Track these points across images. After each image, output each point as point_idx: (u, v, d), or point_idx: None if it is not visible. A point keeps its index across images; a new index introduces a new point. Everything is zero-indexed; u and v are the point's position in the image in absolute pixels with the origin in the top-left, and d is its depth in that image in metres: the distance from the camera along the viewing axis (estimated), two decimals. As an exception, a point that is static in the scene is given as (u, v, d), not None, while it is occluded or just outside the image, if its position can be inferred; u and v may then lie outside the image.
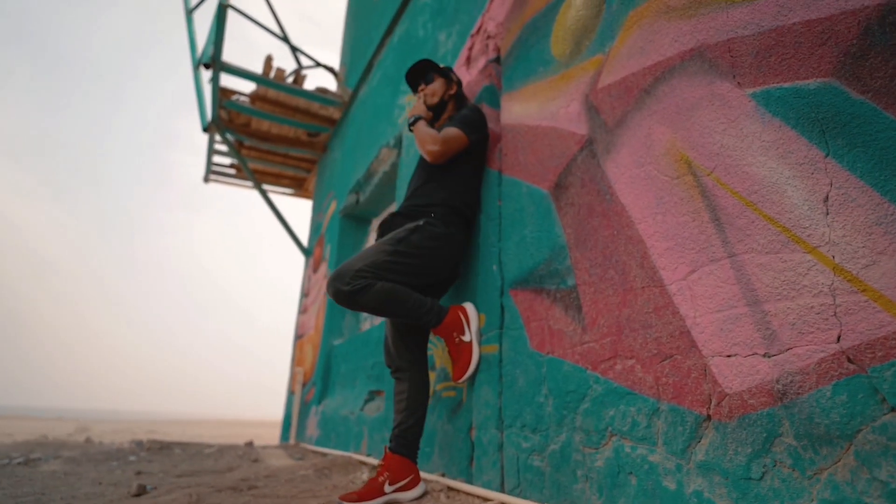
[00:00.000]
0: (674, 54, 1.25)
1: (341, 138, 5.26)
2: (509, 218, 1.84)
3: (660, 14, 1.32)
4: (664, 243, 1.19)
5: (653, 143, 1.27)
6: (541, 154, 1.73)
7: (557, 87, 1.71)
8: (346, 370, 3.83)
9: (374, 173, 4.00)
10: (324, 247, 5.11)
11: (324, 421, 3.87)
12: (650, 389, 1.15)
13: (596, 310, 1.35)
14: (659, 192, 1.22)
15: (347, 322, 4.43)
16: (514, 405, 1.62)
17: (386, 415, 2.68)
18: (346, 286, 1.68)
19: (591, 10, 1.60)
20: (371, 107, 4.27)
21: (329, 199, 5.31)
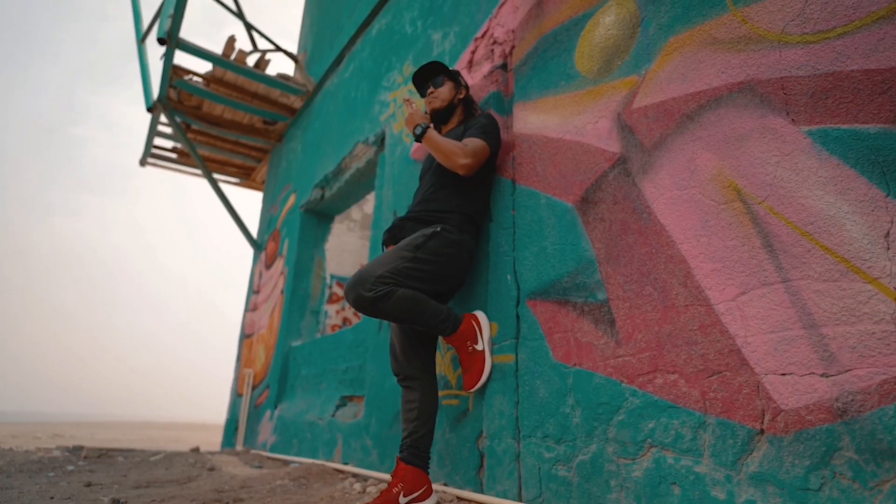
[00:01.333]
0: (721, 85, 1.34)
1: (302, 129, 5.10)
2: (525, 228, 1.88)
3: (704, 44, 1.41)
4: (710, 265, 1.27)
5: (697, 168, 1.35)
6: (563, 167, 1.78)
7: (583, 103, 1.77)
8: (308, 373, 3.74)
9: (345, 169, 3.93)
10: (280, 242, 4.94)
11: (282, 426, 3.75)
12: (696, 403, 1.23)
13: (632, 325, 1.42)
14: (704, 216, 1.31)
15: (307, 323, 4.32)
16: (533, 415, 1.66)
17: (367, 421, 2.65)
18: (368, 292, 1.65)
19: (624, 30, 1.68)
20: (343, 99, 4.19)
21: (286, 191, 5.15)
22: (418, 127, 1.92)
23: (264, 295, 4.99)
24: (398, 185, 2.93)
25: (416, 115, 1.96)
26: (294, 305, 4.33)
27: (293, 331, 4.28)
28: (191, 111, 5.31)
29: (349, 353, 3.19)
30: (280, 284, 4.59)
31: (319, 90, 4.89)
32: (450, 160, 1.86)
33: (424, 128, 1.91)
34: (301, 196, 4.65)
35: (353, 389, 3.04)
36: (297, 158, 5.09)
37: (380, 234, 3.13)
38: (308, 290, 4.43)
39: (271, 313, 4.65)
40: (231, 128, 5.57)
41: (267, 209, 5.70)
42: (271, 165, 6.03)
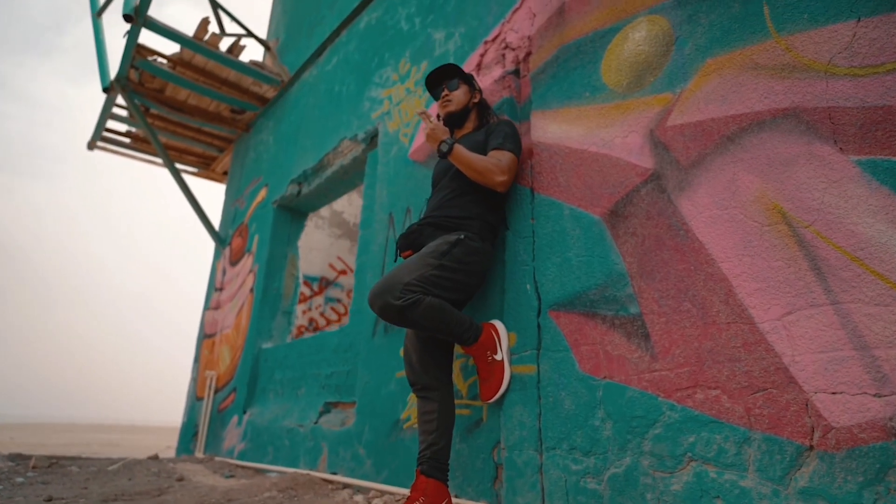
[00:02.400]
0: (764, 109, 1.40)
1: (275, 120, 4.95)
2: (546, 238, 1.90)
3: (745, 68, 1.47)
4: (753, 284, 1.33)
5: (739, 189, 1.41)
6: (589, 179, 1.81)
7: (611, 116, 1.81)
8: (284, 377, 3.63)
9: (327, 165, 3.84)
10: (247, 237, 4.77)
11: (254, 432, 3.62)
12: (740, 419, 1.28)
13: (669, 340, 1.46)
14: (746, 236, 1.37)
15: (278, 324, 4.20)
16: (558, 427, 1.68)
17: (359, 429, 2.60)
18: (396, 300, 1.62)
19: (656, 47, 1.73)
20: (325, 93, 4.09)
21: (255, 185, 4.98)
22: (444, 143, 1.89)
23: (229, 293, 4.80)
24: (394, 185, 2.89)
25: (439, 130, 1.93)
26: (265, 305, 4.19)
27: (264, 332, 4.14)
28: (152, 94, 5.04)
29: (334, 357, 3.12)
30: (249, 282, 4.43)
31: (296, 81, 4.75)
32: (485, 177, 1.85)
33: (451, 144, 1.88)
34: (274, 191, 4.51)
35: (340, 395, 2.98)
36: (268, 151, 4.92)
37: (370, 235, 3.08)
38: (280, 289, 4.30)
39: (238, 312, 4.48)
40: (195, 114, 5.32)
41: (231, 202, 5.49)
42: (236, 156, 5.81)
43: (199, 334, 5.22)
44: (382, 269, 2.79)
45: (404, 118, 2.97)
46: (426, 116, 1.97)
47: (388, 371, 2.53)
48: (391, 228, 2.81)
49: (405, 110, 2.97)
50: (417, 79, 2.95)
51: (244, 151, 5.56)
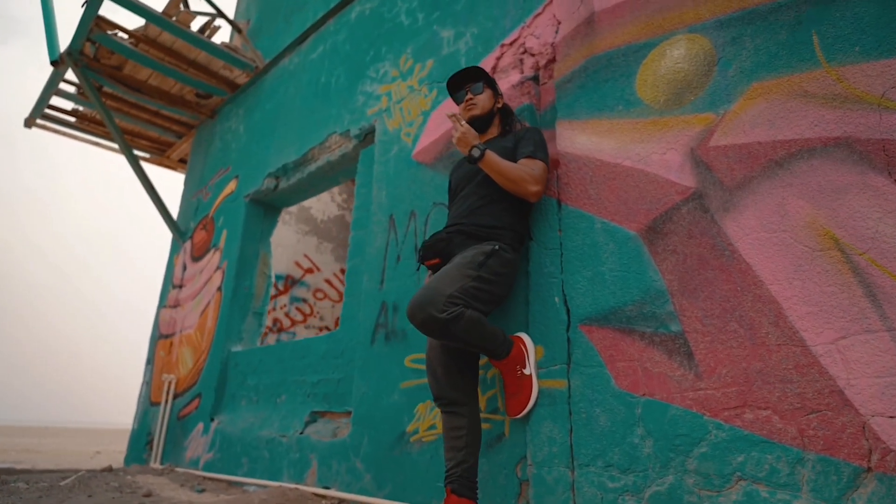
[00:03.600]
0: (814, 137, 1.48)
1: (247, 108, 4.76)
2: (575, 251, 1.92)
3: (794, 95, 1.54)
4: (805, 308, 1.39)
5: (788, 213, 1.47)
6: (623, 193, 1.85)
7: (647, 131, 1.85)
8: (259, 383, 3.50)
9: (311, 160, 3.73)
10: (213, 232, 4.56)
11: (225, 442, 3.47)
12: (793, 440, 1.34)
13: (715, 359, 1.51)
14: (797, 260, 1.43)
15: (249, 325, 4.05)
16: (592, 444, 1.70)
17: (356, 441, 2.54)
18: (441, 313, 1.59)
19: (697, 66, 1.78)
20: (308, 83, 3.97)
21: (221, 175, 4.77)
22: (475, 149, 1.87)
23: (190, 290, 4.57)
24: (395, 186, 2.85)
25: (470, 135, 1.90)
26: (235, 305, 4.02)
27: (233, 334, 3.97)
28: (108, 71, 4.73)
29: (322, 364, 3.03)
30: (216, 280, 4.23)
31: (272, 68, 4.59)
32: (519, 186, 1.84)
33: (483, 150, 1.86)
34: (245, 183, 4.33)
35: (329, 405, 2.90)
36: (238, 140, 4.73)
37: (364, 237, 3.02)
38: (252, 288, 4.14)
39: (202, 312, 4.28)
40: (155, 96, 5.03)
41: (192, 193, 5.23)
42: (198, 143, 5.54)
43: (153, 334, 4.95)
44: (383, 273, 2.73)
45: (407, 117, 2.92)
46: (457, 119, 1.94)
47: (390, 381, 2.48)
48: (392, 231, 2.76)
49: (408, 109, 2.93)
50: (422, 76, 2.92)
51: (208, 139, 5.32)
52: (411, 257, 2.61)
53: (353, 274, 3.04)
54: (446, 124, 2.67)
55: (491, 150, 1.96)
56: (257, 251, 4.24)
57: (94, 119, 5.60)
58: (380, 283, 2.73)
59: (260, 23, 5.19)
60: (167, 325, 4.76)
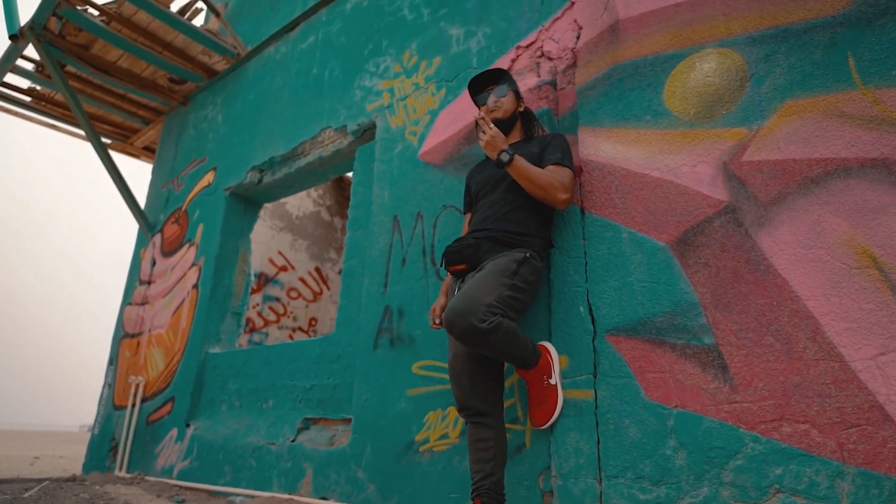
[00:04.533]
0: (851, 157, 1.54)
1: (227, 97, 4.61)
2: (601, 260, 1.95)
3: (830, 115, 1.60)
4: (843, 324, 1.45)
5: (824, 231, 1.53)
6: (651, 204, 1.88)
7: (676, 143, 1.89)
8: (242, 388, 3.40)
9: (301, 154, 3.64)
10: (187, 226, 4.40)
11: (204, 449, 3.35)
12: (833, 453, 1.40)
13: (751, 373, 1.56)
14: (834, 277, 1.49)
15: (227, 326, 3.93)
16: (622, 455, 1.73)
17: (357, 450, 2.50)
18: (481, 323, 1.58)
19: (728, 81, 1.83)
20: (300, 74, 3.88)
21: (197, 166, 4.62)
22: (504, 153, 1.86)
23: (161, 287, 4.39)
24: (399, 186, 2.81)
25: (499, 139, 1.89)
26: (213, 305, 3.89)
27: (211, 334, 3.84)
28: (74, 49, 4.49)
29: (316, 368, 2.96)
30: (191, 277, 4.08)
31: (256, 56, 4.46)
32: (548, 194, 1.84)
33: (512, 155, 1.86)
34: (225, 176, 4.19)
35: (324, 411, 2.84)
36: (215, 130, 4.57)
37: (362, 237, 2.98)
38: (231, 286, 4.01)
39: (175, 311, 4.12)
40: (124, 79, 4.81)
41: (162, 183, 5.02)
42: (168, 131, 5.33)
43: (116, 333, 4.73)
44: (386, 275, 2.70)
45: (412, 115, 2.89)
46: (485, 122, 1.93)
47: (396, 388, 2.45)
48: (397, 232, 2.73)
49: (414, 106, 2.90)
50: (429, 74, 2.89)
51: (180, 127, 5.12)
52: (418, 261, 2.58)
53: (351, 275, 2.99)
54: (456, 124, 2.66)
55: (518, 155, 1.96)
56: (237, 248, 4.12)
57: (52, 100, 5.31)
58: (383, 287, 2.70)
59: (240, 7, 5.03)
60: (133, 324, 4.56)
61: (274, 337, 5.62)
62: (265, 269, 5.66)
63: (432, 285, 2.48)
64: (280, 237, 5.91)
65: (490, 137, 1.90)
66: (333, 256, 6.54)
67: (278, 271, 5.80)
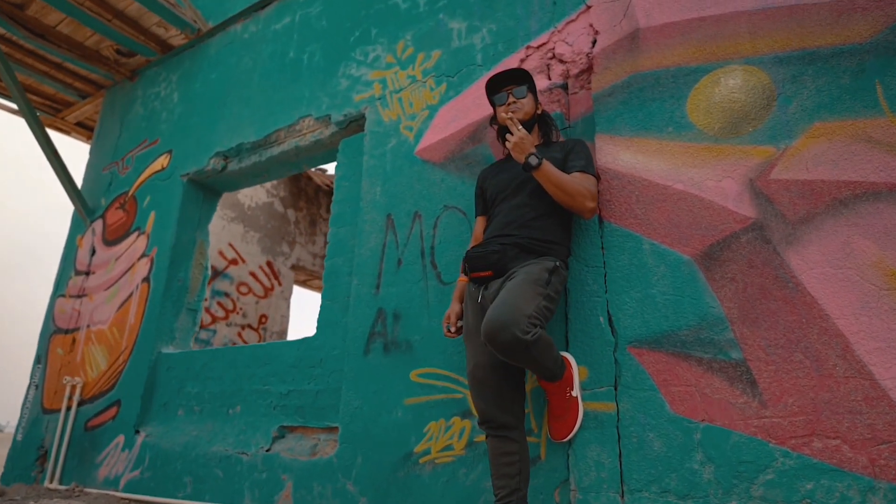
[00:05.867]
0: (879, 181, 1.62)
1: (184, 75, 4.31)
2: (621, 270, 1.95)
3: (858, 139, 1.68)
4: (873, 343, 1.52)
5: (853, 252, 1.60)
6: (675, 217, 1.90)
7: (700, 157, 1.92)
8: (204, 391, 3.19)
9: (275, 143, 3.45)
10: (135, 213, 4.08)
11: (158, 458, 3.11)
12: (864, 469, 1.46)
13: (780, 388, 1.61)
14: (863, 297, 1.56)
15: (182, 323, 3.67)
16: (645, 469, 1.74)
17: (347, 461, 2.39)
18: (525, 335, 1.53)
19: (754, 99, 1.88)
20: (273, 57, 3.67)
21: (146, 148, 4.29)
22: (532, 157, 1.81)
23: (104, 279, 4.04)
24: (393, 183, 2.71)
25: (528, 141, 1.84)
26: (167, 300, 3.61)
27: (164, 332, 3.57)
28: (6, 9, 4.03)
29: (294, 373, 2.81)
30: (141, 270, 3.78)
31: (220, 33, 4.19)
32: (576, 202, 1.82)
33: (541, 159, 1.82)
34: (182, 160, 3.91)
35: (304, 419, 2.70)
36: (170, 110, 4.26)
37: (348, 234, 2.86)
38: (186, 280, 3.74)
39: (121, 305, 3.80)
40: (63, 46, 4.38)
41: (104, 164, 4.62)
42: (110, 107, 4.91)
43: (45, 327, 4.31)
44: (379, 276, 2.59)
45: (408, 109, 2.80)
46: (513, 123, 1.88)
47: (391, 396, 2.36)
48: (391, 232, 2.63)
49: (410, 100, 2.80)
50: (427, 67, 2.81)
51: (126, 103, 4.73)
52: (416, 262, 2.50)
53: (335, 275, 2.85)
54: (459, 122, 2.59)
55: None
56: (194, 239, 3.85)
57: (-29, 63, 4.75)
58: (375, 288, 2.59)
59: (199, -22, 4.71)
60: (66, 318, 4.16)
61: (222, 335, 5.33)
62: (215, 261, 5.35)
63: (433, 289, 2.41)
64: (231, 228, 5.61)
65: (518, 139, 1.85)
66: (286, 250, 6.29)
67: (228, 264, 5.50)
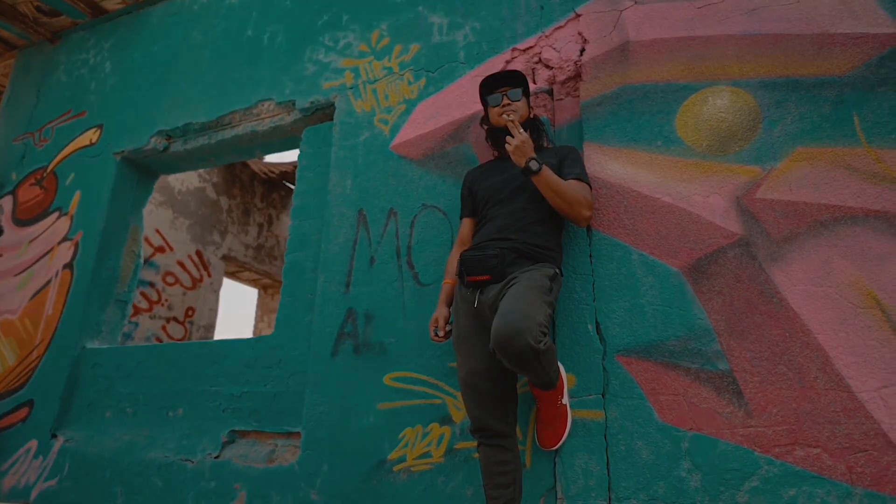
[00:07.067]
0: (856, 206, 1.73)
1: (119, 43, 3.92)
2: (610, 279, 1.97)
3: (837, 166, 1.78)
4: (850, 357, 1.62)
5: (833, 271, 1.70)
6: (664, 229, 1.95)
7: (689, 172, 1.97)
8: (136, 391, 2.92)
9: (228, 125, 3.21)
10: (55, 190, 3.66)
11: (81, 466, 2.80)
12: (842, 476, 1.55)
13: (765, 399, 1.68)
14: (842, 314, 1.66)
15: (110, 316, 3.35)
16: (633, 476, 1.76)
17: (311, 469, 2.25)
18: (538, 343, 1.49)
19: (741, 120, 1.95)
20: (228, 34, 3.42)
21: (71, 120, 3.87)
22: (534, 161, 1.78)
23: (14, 263, 3.58)
24: (365, 177, 2.60)
25: (528, 146, 1.81)
26: (95, 289, 3.26)
27: (90, 326, 3.22)
28: None
29: (248, 373, 2.62)
30: (63, 255, 3.38)
31: (163, 1, 3.84)
32: (574, 209, 1.81)
33: (541, 164, 1.79)
34: (116, 137, 3.55)
35: (259, 423, 2.52)
36: (101, 80, 3.85)
37: (312, 228, 2.73)
38: (117, 269, 3.40)
39: (36, 294, 3.38)
40: (-28, -3, 3.84)
41: (14, 133, 4.10)
42: (23, 71, 4.37)
43: (-64, 316, 3.76)
44: (349, 274, 2.47)
45: (383, 101, 2.69)
46: (515, 126, 1.84)
47: (362, 400, 2.25)
48: (363, 228, 2.51)
49: (385, 92, 2.69)
50: (404, 60, 2.71)
51: (44, 68, 4.23)
52: (391, 261, 2.40)
53: (297, 270, 2.69)
54: (439, 119, 2.52)
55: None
56: (127, 223, 3.50)
57: None
58: (344, 287, 2.47)
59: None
60: (-35, 306, 3.66)
61: (145, 328, 4.92)
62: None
63: (409, 290, 2.32)
64: (159, 213, 5.18)
65: (520, 143, 1.81)
66: (217, 240, 5.91)
67: (154, 252, 5.08)
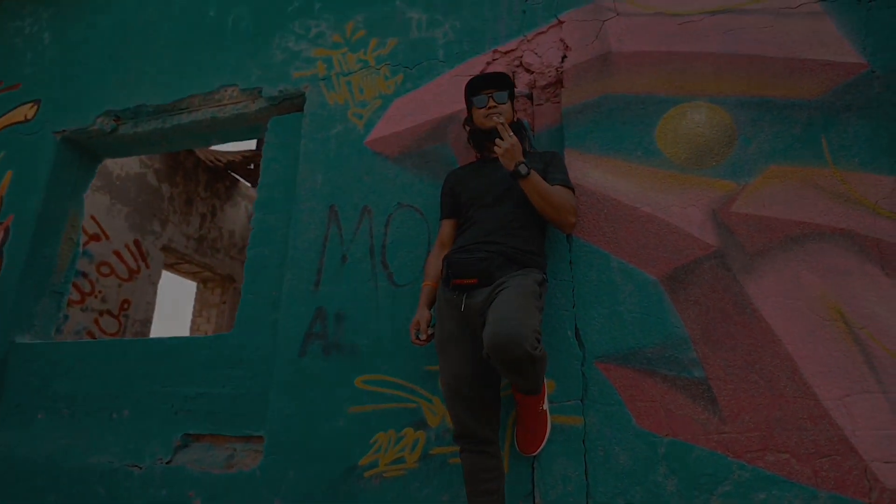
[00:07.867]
0: (824, 224, 1.82)
1: (60, 13, 3.62)
2: (589, 286, 1.98)
3: (807, 184, 1.87)
4: (816, 367, 1.70)
5: (803, 285, 1.78)
6: (642, 239, 1.98)
7: (667, 183, 2.02)
8: (75, 391, 2.71)
9: (185, 109, 3.03)
10: (-18, 170, 3.32)
11: (10, 471, 2.56)
12: (808, 479, 1.62)
13: (738, 406, 1.74)
14: (810, 326, 1.74)
15: (44, 309, 3.09)
16: (611, 482, 1.77)
17: (274, 474, 2.15)
18: (534, 350, 1.47)
19: (717, 135, 2.01)
20: (186, 13, 3.22)
21: (3, 91, 3.53)
22: (522, 165, 1.76)
23: (-70, 248, 3.22)
24: (337, 172, 2.50)
25: (518, 150, 1.79)
26: (28, 279, 2.98)
27: (21, 318, 2.94)
28: None
29: (205, 373, 2.46)
30: (-10, 241, 3.08)
31: (114, -29, 3.56)
32: (560, 215, 1.81)
33: (530, 168, 1.77)
34: (57, 114, 3.26)
35: (216, 426, 2.37)
36: (39, 52, 3.53)
37: (278, 222, 2.63)
38: (53, 258, 3.12)
39: (-43, 283, 3.06)
40: None
41: (-67, 104, 3.69)
42: (-55, 35, 3.94)
43: None
44: (318, 272, 2.37)
45: (357, 95, 2.60)
46: (504, 129, 1.82)
47: (332, 403, 2.17)
48: (334, 224, 2.42)
49: (360, 86, 2.61)
50: (381, 54, 2.63)
51: (-29, 34, 3.83)
52: (364, 260, 2.33)
53: (260, 266, 2.56)
54: (416, 117, 2.47)
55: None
56: (65, 208, 3.22)
57: None
58: (313, 285, 2.37)
59: None
60: None
61: (76, 321, 4.57)
62: (73, 235, 4.55)
63: (383, 290, 2.26)
64: (95, 199, 4.83)
65: (510, 146, 1.79)
66: (157, 229, 5.57)
67: (89, 240, 4.73)
